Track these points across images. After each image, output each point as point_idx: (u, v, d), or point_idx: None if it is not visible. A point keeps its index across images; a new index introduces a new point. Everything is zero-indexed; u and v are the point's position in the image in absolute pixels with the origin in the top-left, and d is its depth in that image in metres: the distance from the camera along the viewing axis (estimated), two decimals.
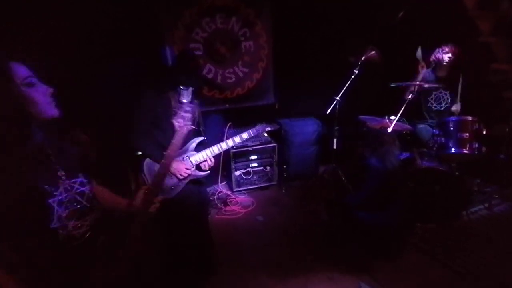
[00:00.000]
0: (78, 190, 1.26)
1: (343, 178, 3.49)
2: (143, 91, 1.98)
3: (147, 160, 2.00)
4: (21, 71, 1.11)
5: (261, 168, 3.75)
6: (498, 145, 2.95)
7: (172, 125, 1.96)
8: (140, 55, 2.95)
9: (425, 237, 2.72)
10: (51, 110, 1.17)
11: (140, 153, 2.04)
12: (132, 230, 1.44)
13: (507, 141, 2.92)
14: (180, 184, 2.06)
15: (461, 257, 2.47)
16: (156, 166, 1.99)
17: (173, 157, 1.66)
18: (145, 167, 2.00)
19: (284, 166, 3.83)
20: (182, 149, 2.05)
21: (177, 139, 1.62)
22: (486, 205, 3.08)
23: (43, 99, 1.15)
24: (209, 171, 2.15)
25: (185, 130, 1.62)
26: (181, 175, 2.00)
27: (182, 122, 1.61)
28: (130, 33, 2.86)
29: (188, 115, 1.62)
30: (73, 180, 1.25)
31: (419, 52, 3.05)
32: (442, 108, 3.21)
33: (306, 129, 3.83)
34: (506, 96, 3.02)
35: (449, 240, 2.65)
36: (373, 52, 3.09)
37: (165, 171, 1.62)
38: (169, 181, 2.03)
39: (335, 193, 3.51)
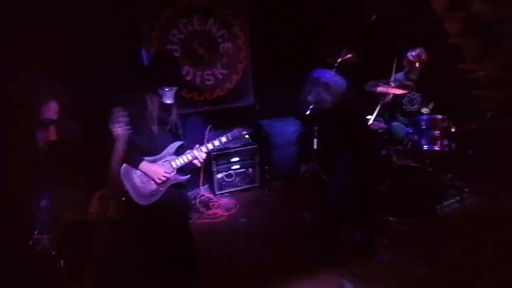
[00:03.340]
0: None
1: (324, 177, 3.55)
2: (118, 93, 1.93)
3: (124, 165, 1.94)
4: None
5: (243, 170, 3.74)
6: (466, 141, 3.10)
7: (150, 128, 1.93)
8: (115, 56, 2.88)
9: (403, 232, 2.81)
10: None
11: None
12: (96, 238, 1.39)
13: (475, 137, 3.07)
14: (160, 189, 2.01)
15: (437, 250, 2.56)
16: (134, 171, 1.94)
17: (118, 162, 1.62)
18: (122, 172, 1.94)
19: (266, 167, 3.85)
20: (161, 154, 2.01)
21: (119, 145, 1.58)
22: (458, 198, 3.23)
23: None
24: (190, 175, 2.12)
25: (125, 134, 1.59)
26: (159, 179, 1.96)
27: (118, 127, 1.59)
28: (104, 33, 2.78)
29: (124, 119, 1.60)
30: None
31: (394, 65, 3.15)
32: (415, 109, 3.34)
33: (286, 129, 3.87)
34: (474, 95, 3.18)
35: (426, 234, 2.76)
36: (349, 54, 3.16)
37: (115, 176, 1.59)
38: (150, 187, 1.98)
39: (317, 191, 3.57)
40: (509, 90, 2.98)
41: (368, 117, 3.02)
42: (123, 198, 1.97)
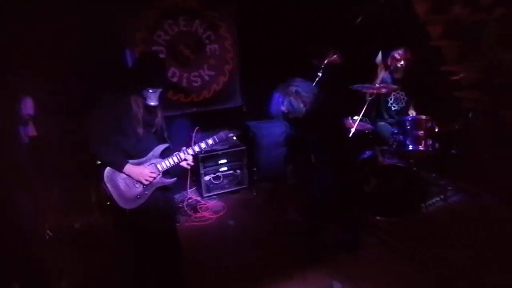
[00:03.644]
0: None
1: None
2: (101, 94, 1.88)
3: (108, 168, 1.89)
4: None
5: (231, 172, 3.72)
6: (449, 141, 3.17)
7: (134, 130, 1.89)
8: (99, 56, 2.82)
9: (390, 231, 2.85)
10: None
11: (99, 161, 1.93)
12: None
13: (457, 137, 3.15)
14: (146, 192, 1.97)
15: (423, 248, 2.60)
16: (118, 175, 1.90)
17: None
18: (106, 176, 1.89)
19: (254, 169, 3.84)
20: (146, 157, 1.97)
21: None
22: (442, 197, 3.30)
23: None
24: (176, 178, 2.09)
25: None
26: (146, 180, 1.92)
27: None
28: (88, 34, 2.72)
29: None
30: None
31: (379, 57, 3.23)
32: (400, 108, 3.40)
33: (274, 130, 3.87)
34: (455, 96, 3.26)
35: (412, 233, 2.80)
36: (335, 56, 3.20)
37: None
38: (135, 191, 1.94)
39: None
40: (488, 91, 3.07)
41: (355, 117, 3.05)
42: (108, 203, 1.92)
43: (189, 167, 2.10)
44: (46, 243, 1.80)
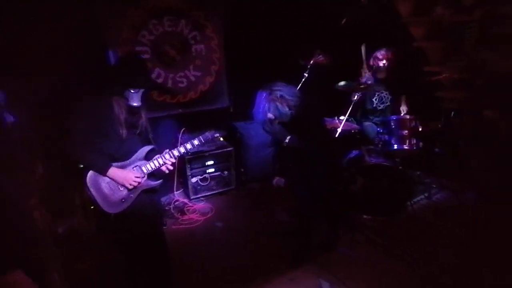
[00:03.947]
0: None
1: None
2: (82, 95, 1.83)
3: (91, 172, 1.84)
4: None
5: (218, 173, 3.69)
6: (433, 140, 3.24)
7: (117, 132, 1.84)
8: (80, 57, 2.75)
9: (376, 229, 2.89)
10: None
11: (81, 165, 1.87)
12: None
13: (440, 136, 3.22)
14: (131, 196, 1.93)
15: (409, 245, 2.64)
16: (101, 178, 1.85)
17: None
18: (89, 180, 1.84)
19: (242, 170, 3.82)
20: (130, 159, 1.93)
21: None
22: (426, 194, 3.37)
23: None
24: (161, 180, 2.05)
25: None
26: (130, 184, 1.87)
27: None
28: (69, 33, 2.65)
29: None
30: None
31: (363, 51, 3.28)
32: (384, 107, 3.46)
33: (261, 131, 3.82)
34: (438, 96, 3.33)
35: (398, 230, 2.84)
36: (321, 56, 3.22)
37: None
38: (119, 194, 1.89)
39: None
40: (469, 91, 3.15)
41: (341, 117, 3.08)
42: (91, 207, 1.87)
43: (167, 171, 2.06)
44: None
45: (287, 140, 2.34)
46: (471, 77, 3.12)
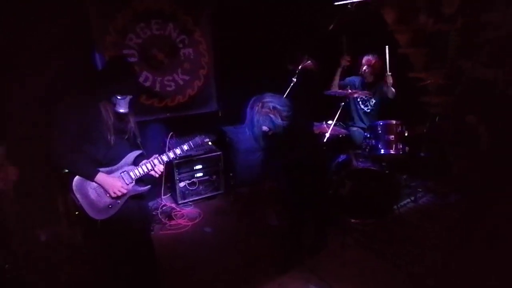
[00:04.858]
0: None
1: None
2: (68, 100, 1.78)
3: (77, 177, 1.79)
4: None
5: (207, 177, 3.66)
6: (418, 144, 3.32)
7: (105, 137, 1.80)
8: (66, 61, 2.69)
9: (365, 232, 2.92)
10: None
11: (66, 170, 1.82)
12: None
13: (425, 140, 3.30)
14: (118, 202, 1.88)
15: (397, 248, 2.69)
16: (88, 183, 1.80)
17: None
18: (75, 186, 1.79)
19: (231, 174, 3.80)
20: (118, 165, 1.89)
21: None
22: (413, 198, 3.43)
23: None
24: (150, 186, 2.01)
25: None
26: (115, 193, 1.82)
27: None
28: (55, 36, 2.60)
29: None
30: None
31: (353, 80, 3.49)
32: (369, 110, 3.53)
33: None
34: (423, 101, 3.42)
35: (385, 233, 2.89)
36: (309, 61, 3.26)
37: None
38: (106, 200, 1.84)
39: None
40: (452, 96, 3.25)
41: (329, 122, 3.11)
42: (76, 212, 1.82)
43: (157, 175, 2.03)
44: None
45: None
46: (451, 83, 3.23)
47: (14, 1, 2.45)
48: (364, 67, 3.41)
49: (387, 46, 3.20)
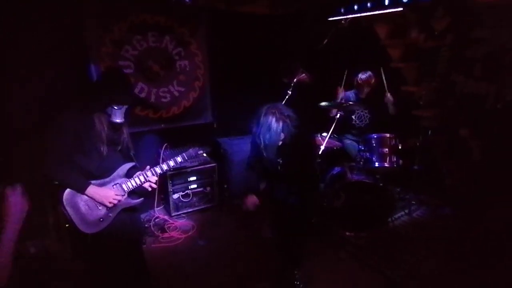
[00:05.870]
0: None
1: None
2: (61, 111, 1.77)
3: (68, 190, 1.76)
4: None
5: (201, 189, 3.63)
6: (412, 157, 3.34)
7: (98, 149, 1.79)
8: (61, 71, 2.69)
9: (358, 245, 2.91)
10: None
11: (57, 183, 1.78)
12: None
13: (418, 153, 3.33)
14: (110, 215, 1.85)
15: (389, 261, 2.68)
16: (78, 196, 1.77)
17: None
18: (65, 199, 1.76)
19: (225, 186, 3.78)
20: (111, 177, 1.87)
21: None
22: (406, 211, 3.44)
23: None
24: (142, 198, 1.99)
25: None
26: (110, 202, 1.80)
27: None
28: (51, 46, 2.60)
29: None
30: None
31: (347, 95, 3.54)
32: (363, 125, 3.56)
33: (245, 147, 3.84)
34: (416, 115, 3.46)
35: (379, 246, 2.88)
36: (303, 74, 3.30)
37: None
38: (98, 213, 1.81)
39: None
40: (444, 110, 3.31)
41: (323, 134, 3.13)
42: (66, 225, 1.78)
43: (150, 189, 2.01)
44: None
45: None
46: (443, 97, 3.28)
47: (14, 1, 2.44)
48: (365, 89, 3.43)
49: (382, 68, 3.26)
